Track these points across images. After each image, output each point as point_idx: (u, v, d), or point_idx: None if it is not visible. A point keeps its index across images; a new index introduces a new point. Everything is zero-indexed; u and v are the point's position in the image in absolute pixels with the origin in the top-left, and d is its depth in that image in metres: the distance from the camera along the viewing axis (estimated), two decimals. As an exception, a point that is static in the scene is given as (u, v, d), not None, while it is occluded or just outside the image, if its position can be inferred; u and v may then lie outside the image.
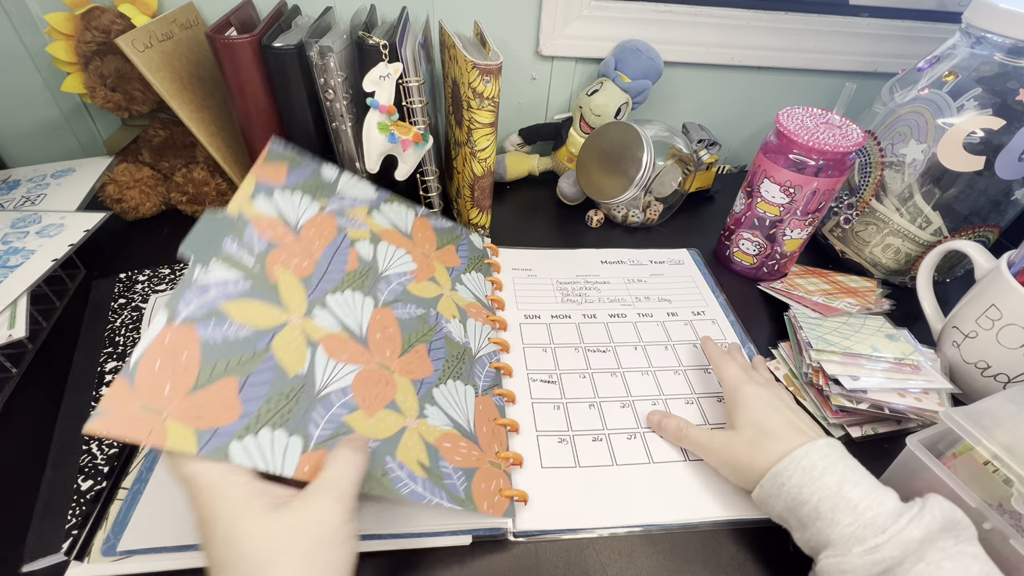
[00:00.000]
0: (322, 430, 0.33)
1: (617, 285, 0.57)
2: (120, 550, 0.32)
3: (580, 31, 0.68)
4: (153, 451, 0.38)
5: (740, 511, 0.38)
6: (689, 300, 0.56)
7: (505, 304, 0.53)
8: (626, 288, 0.57)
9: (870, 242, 0.59)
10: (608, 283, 0.57)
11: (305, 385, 0.34)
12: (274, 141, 0.45)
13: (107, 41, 0.54)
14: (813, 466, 0.33)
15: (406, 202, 0.53)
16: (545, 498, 0.38)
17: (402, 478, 0.34)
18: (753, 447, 0.36)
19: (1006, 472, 0.33)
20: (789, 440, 0.35)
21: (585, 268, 0.59)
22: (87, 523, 0.34)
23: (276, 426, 0.31)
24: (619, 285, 0.57)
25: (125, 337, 0.47)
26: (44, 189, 0.58)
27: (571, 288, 0.56)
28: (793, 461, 0.33)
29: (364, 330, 0.40)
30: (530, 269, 0.58)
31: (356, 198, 0.49)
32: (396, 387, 0.39)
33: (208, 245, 0.36)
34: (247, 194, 0.41)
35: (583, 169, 0.65)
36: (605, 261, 0.60)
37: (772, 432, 0.36)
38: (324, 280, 0.41)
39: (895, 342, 0.47)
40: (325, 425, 0.33)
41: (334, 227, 0.45)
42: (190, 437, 0.28)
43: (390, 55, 0.49)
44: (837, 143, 0.49)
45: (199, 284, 0.34)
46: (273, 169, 0.44)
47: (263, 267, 0.38)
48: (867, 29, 0.72)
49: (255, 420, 0.31)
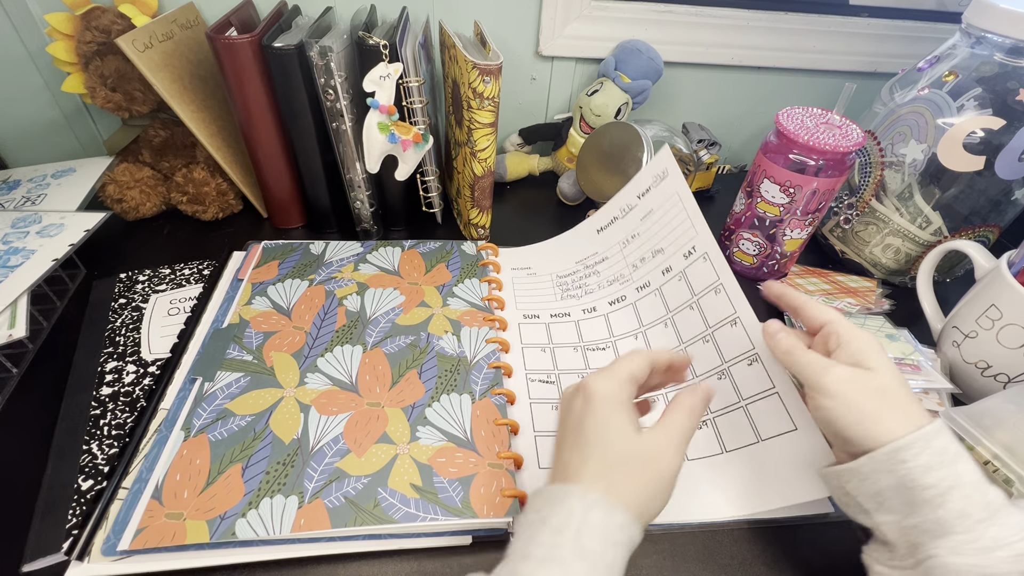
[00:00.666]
0: (315, 482, 0.36)
1: (615, 259, 0.55)
2: (121, 550, 0.33)
3: (580, 31, 0.68)
4: (153, 451, 0.38)
5: (741, 511, 0.38)
6: (679, 237, 0.49)
7: (505, 304, 0.53)
8: (622, 255, 0.54)
9: (870, 242, 0.59)
10: (606, 259, 0.55)
11: (300, 447, 0.38)
12: (264, 245, 0.54)
13: (107, 41, 0.54)
14: (945, 449, 0.28)
15: (392, 243, 0.57)
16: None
17: (394, 504, 0.36)
18: (884, 400, 0.30)
19: (1006, 472, 0.33)
20: (917, 413, 0.30)
21: (583, 250, 0.57)
22: (87, 523, 0.34)
23: (274, 494, 0.36)
24: (616, 256, 0.55)
25: (125, 337, 0.47)
26: (44, 189, 0.58)
27: (570, 281, 0.56)
28: (923, 439, 0.28)
29: (354, 378, 0.44)
30: (529, 267, 0.58)
31: (343, 258, 0.54)
32: (387, 420, 0.41)
33: (212, 361, 0.43)
34: (244, 301, 0.48)
35: (583, 169, 0.65)
36: (601, 228, 0.57)
37: (904, 395, 0.30)
38: (315, 347, 0.46)
39: (895, 342, 0.47)
40: (319, 477, 0.37)
41: (323, 294, 0.50)
42: (203, 529, 0.34)
43: (390, 55, 0.49)
44: (837, 143, 0.49)
45: (208, 396, 0.41)
46: (265, 270, 0.52)
47: (260, 357, 0.44)
48: (867, 29, 0.72)
49: (256, 495, 0.35)
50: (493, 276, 0.55)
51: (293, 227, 0.62)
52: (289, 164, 0.57)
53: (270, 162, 0.56)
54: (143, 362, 0.45)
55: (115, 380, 0.43)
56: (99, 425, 0.40)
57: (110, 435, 0.39)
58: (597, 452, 0.29)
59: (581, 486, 0.27)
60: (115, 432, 0.40)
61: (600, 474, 0.28)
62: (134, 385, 0.43)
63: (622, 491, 0.27)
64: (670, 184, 0.51)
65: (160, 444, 0.38)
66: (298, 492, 0.36)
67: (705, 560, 0.36)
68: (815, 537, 0.38)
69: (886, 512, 0.29)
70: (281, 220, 0.62)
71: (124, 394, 0.42)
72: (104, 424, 0.40)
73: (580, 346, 0.49)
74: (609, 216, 0.57)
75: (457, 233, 0.63)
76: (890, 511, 0.29)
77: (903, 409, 0.30)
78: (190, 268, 0.54)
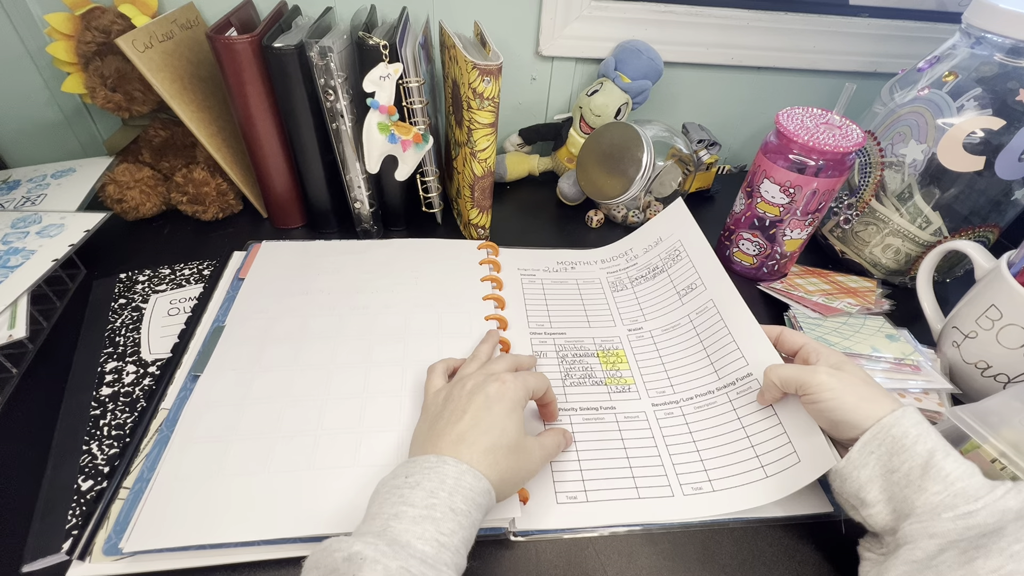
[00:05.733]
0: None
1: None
2: (122, 549, 0.33)
3: (580, 31, 0.68)
4: (154, 451, 0.38)
5: (740, 511, 0.38)
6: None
7: (508, 313, 0.53)
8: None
9: (870, 242, 0.59)
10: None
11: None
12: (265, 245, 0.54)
13: (107, 41, 0.54)
14: (905, 433, 0.32)
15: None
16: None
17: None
18: (869, 389, 0.35)
19: (1013, 469, 0.33)
20: (885, 401, 0.34)
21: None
22: (88, 523, 0.34)
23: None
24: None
25: (125, 337, 0.47)
26: (44, 189, 0.58)
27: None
28: (883, 429, 0.33)
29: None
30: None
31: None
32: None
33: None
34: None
35: (583, 169, 0.65)
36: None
37: (878, 386, 0.36)
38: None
39: (895, 342, 0.47)
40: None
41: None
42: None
43: (390, 55, 0.49)
44: (837, 143, 0.49)
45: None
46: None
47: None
48: (867, 29, 0.72)
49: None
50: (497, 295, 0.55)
51: (293, 227, 0.62)
52: (289, 164, 0.57)
53: (270, 162, 0.56)
54: (143, 362, 0.45)
55: (115, 380, 0.43)
56: (99, 425, 0.40)
57: (110, 435, 0.39)
58: (493, 435, 0.33)
59: (455, 458, 0.31)
60: (115, 432, 0.40)
61: (490, 450, 0.33)
62: (134, 385, 0.43)
63: (500, 467, 0.32)
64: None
65: (161, 444, 0.38)
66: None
67: (705, 560, 0.36)
68: (815, 537, 0.38)
69: (868, 506, 0.33)
70: (281, 220, 0.62)
71: (124, 394, 0.42)
72: (104, 424, 0.40)
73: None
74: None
75: (457, 233, 0.63)
76: (870, 504, 0.33)
77: (884, 395, 0.35)
78: (190, 268, 0.54)
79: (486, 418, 0.34)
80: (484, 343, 0.45)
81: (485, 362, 0.42)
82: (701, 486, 0.39)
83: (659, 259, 0.56)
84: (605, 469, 0.40)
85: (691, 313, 0.50)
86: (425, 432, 0.35)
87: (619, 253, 0.60)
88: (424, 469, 0.31)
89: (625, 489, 0.39)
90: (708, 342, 0.47)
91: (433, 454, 0.32)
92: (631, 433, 0.43)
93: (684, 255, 0.54)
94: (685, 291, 0.52)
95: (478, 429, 0.33)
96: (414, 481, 0.30)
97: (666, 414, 0.44)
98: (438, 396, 0.38)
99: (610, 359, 0.49)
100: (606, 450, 0.42)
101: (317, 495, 0.36)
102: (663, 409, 0.45)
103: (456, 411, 0.35)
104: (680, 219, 0.56)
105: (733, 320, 0.46)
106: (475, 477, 0.31)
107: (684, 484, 0.39)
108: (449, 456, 0.31)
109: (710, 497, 0.38)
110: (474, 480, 0.31)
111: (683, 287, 0.52)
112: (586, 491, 0.39)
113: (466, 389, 0.36)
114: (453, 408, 0.35)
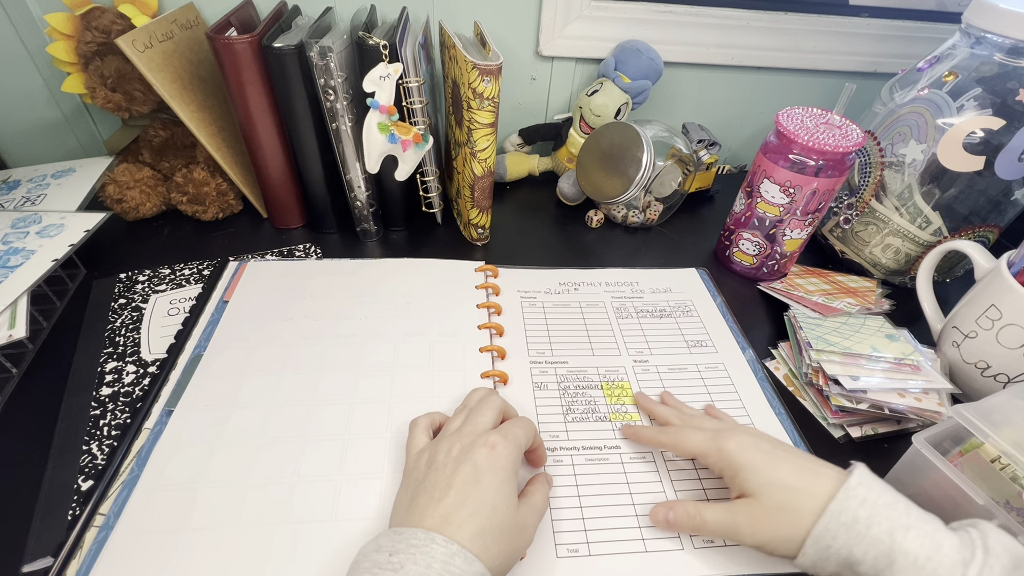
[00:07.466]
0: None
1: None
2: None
3: (580, 31, 0.68)
4: (123, 493, 0.36)
5: (758, 568, 0.35)
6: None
7: (505, 332, 0.50)
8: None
9: (870, 242, 0.59)
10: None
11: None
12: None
13: (107, 41, 0.54)
14: (856, 519, 0.30)
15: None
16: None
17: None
18: (786, 512, 0.32)
19: (1015, 468, 0.33)
20: (816, 488, 0.32)
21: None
22: (59, 551, 0.33)
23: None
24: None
25: (125, 337, 0.47)
26: (44, 189, 0.58)
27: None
28: (832, 518, 0.30)
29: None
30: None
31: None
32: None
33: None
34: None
35: (583, 169, 0.65)
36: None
37: (793, 485, 0.32)
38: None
39: (895, 342, 0.47)
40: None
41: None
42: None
43: (390, 55, 0.49)
44: (837, 143, 0.49)
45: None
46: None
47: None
48: (867, 29, 0.72)
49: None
50: (496, 323, 0.55)
51: (293, 227, 0.62)
52: (289, 164, 0.57)
53: (270, 162, 0.56)
54: (143, 362, 0.45)
55: (115, 380, 0.43)
56: (99, 425, 0.40)
57: (110, 435, 0.39)
58: (483, 516, 0.29)
59: (444, 536, 0.28)
60: (115, 432, 0.40)
61: (480, 534, 0.29)
62: (134, 385, 0.43)
63: (492, 551, 0.29)
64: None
65: (129, 486, 0.36)
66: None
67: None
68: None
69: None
70: (281, 220, 0.62)
71: (124, 394, 0.42)
72: (104, 424, 0.40)
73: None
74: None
75: (457, 233, 0.63)
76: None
77: (808, 491, 0.32)
78: (190, 268, 0.54)
79: (474, 495, 0.30)
80: (480, 405, 0.38)
81: (470, 413, 0.37)
82: (713, 538, 0.36)
83: (668, 305, 0.55)
84: (609, 517, 0.37)
85: (700, 365, 0.49)
86: (407, 504, 0.31)
87: (624, 281, 0.58)
88: (410, 547, 0.27)
89: (631, 541, 0.36)
90: (718, 398, 0.46)
91: (420, 528, 0.29)
92: (637, 476, 0.40)
93: (695, 314, 0.54)
94: (695, 344, 0.51)
95: (465, 510, 0.29)
96: (398, 562, 0.27)
97: (674, 455, 0.41)
98: (420, 459, 0.34)
99: (615, 392, 0.46)
100: (610, 495, 0.39)
101: (290, 554, 0.33)
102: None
103: (439, 484, 0.31)
104: (695, 286, 0.58)
105: (744, 390, 0.47)
106: (466, 560, 0.27)
107: (695, 536, 0.36)
108: (438, 535, 0.28)
109: (723, 552, 0.36)
110: (465, 564, 0.27)
111: (692, 340, 0.51)
112: (588, 543, 0.36)
113: (452, 455, 0.32)
114: (436, 479, 0.31)
